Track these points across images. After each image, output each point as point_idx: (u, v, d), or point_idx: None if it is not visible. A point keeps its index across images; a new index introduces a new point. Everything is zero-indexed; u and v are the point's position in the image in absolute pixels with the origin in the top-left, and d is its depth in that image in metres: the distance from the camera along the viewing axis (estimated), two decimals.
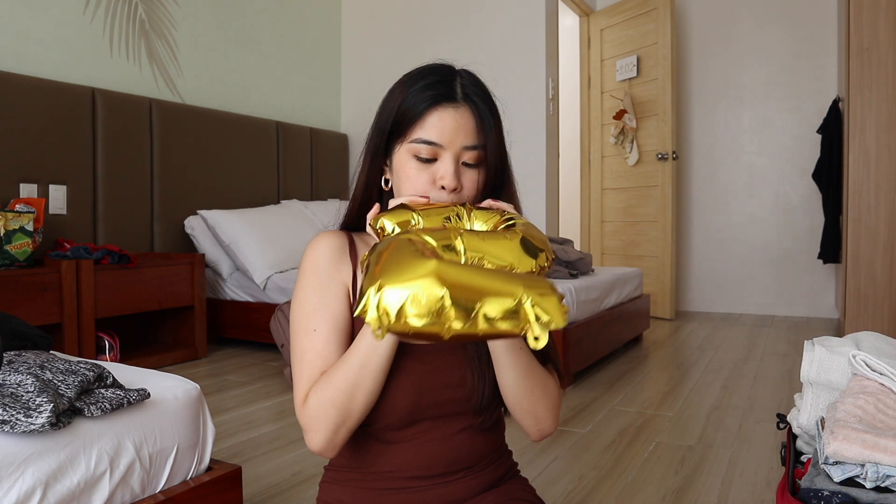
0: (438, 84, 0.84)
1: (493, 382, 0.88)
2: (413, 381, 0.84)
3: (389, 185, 0.90)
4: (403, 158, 0.85)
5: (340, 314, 0.86)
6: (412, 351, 0.85)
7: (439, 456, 0.88)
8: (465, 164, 0.85)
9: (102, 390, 1.14)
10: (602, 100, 5.15)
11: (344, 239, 0.90)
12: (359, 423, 0.82)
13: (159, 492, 1.20)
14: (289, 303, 1.00)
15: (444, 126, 0.83)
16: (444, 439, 0.88)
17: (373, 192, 0.92)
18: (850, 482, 0.83)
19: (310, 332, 0.85)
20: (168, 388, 1.27)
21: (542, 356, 0.90)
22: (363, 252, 0.91)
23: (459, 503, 0.89)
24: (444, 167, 0.83)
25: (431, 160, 0.84)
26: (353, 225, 0.95)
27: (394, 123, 0.86)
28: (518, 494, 0.93)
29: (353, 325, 0.87)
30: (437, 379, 0.86)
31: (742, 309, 5.09)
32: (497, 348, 0.83)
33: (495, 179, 0.89)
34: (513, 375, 0.85)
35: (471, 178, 0.85)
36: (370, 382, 0.79)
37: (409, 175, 0.84)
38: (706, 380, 2.99)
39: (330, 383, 0.80)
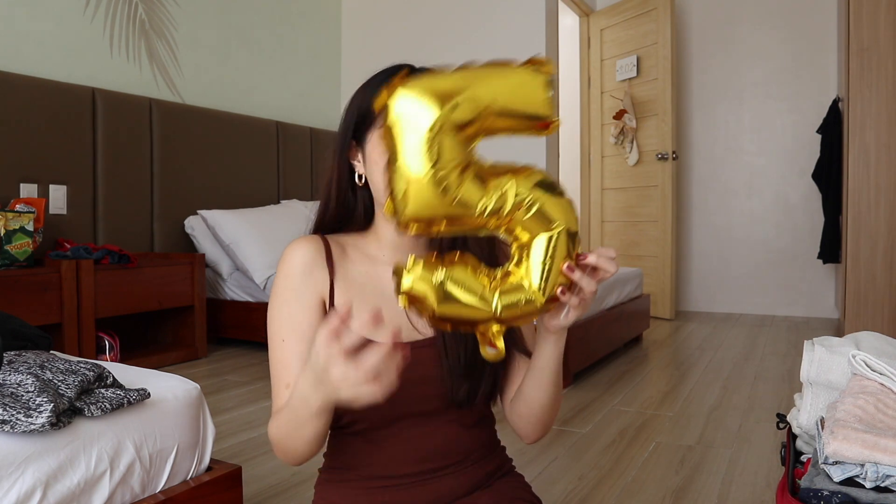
0: (397, 69, 0.89)
1: (472, 380, 0.88)
2: None
3: (363, 181, 0.90)
4: (376, 139, 0.85)
5: (309, 325, 0.85)
6: None
7: (426, 451, 0.88)
8: None
9: (102, 390, 1.14)
10: (602, 100, 5.15)
11: (319, 244, 0.89)
12: (306, 460, 0.82)
13: (159, 492, 1.20)
14: None
15: None
16: (428, 434, 0.88)
17: (346, 190, 0.91)
18: (850, 482, 0.83)
19: (279, 343, 0.85)
20: (168, 388, 1.27)
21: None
22: (339, 257, 0.90)
23: (452, 498, 0.89)
24: None
25: None
26: (329, 227, 0.93)
27: (358, 116, 0.87)
28: (514, 493, 0.93)
29: None
30: (413, 374, 0.84)
31: (742, 309, 5.09)
32: (551, 363, 0.83)
33: None
34: (551, 392, 0.86)
35: None
36: (297, 440, 0.78)
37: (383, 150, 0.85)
38: (706, 380, 2.99)
39: (275, 422, 0.82)
